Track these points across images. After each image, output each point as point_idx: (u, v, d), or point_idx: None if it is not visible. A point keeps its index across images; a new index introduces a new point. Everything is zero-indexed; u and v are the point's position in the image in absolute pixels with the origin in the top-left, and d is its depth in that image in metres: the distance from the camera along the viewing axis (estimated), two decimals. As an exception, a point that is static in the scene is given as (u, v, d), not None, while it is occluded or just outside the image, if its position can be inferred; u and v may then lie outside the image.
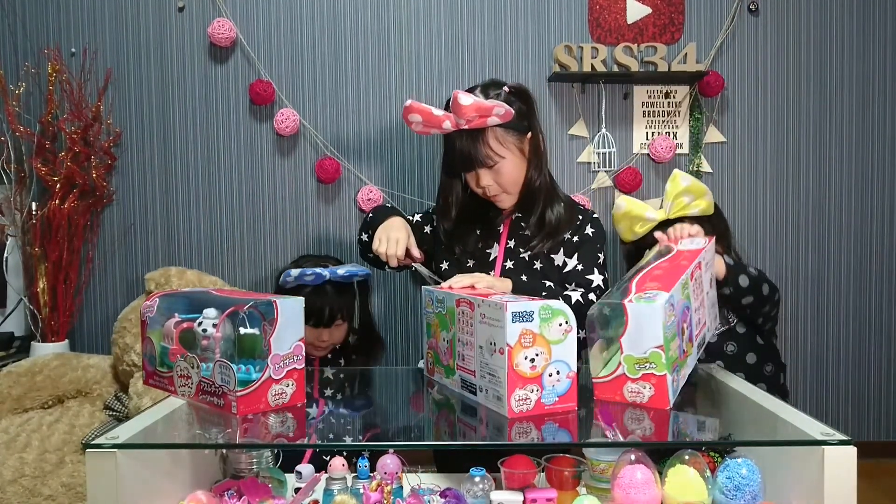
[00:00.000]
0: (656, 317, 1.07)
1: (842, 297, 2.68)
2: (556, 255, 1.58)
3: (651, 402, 1.09)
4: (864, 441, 2.66)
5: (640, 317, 1.08)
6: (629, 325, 1.08)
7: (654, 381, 1.09)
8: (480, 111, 1.46)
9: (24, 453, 1.96)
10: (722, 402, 1.25)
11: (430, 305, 1.32)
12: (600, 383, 1.14)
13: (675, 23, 2.60)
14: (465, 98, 1.44)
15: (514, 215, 1.60)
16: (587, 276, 1.56)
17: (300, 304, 1.10)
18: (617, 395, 1.12)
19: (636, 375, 1.10)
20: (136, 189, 2.57)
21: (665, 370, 1.08)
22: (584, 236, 1.59)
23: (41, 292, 2.40)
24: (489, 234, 1.60)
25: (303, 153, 2.59)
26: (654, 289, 1.13)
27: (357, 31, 2.58)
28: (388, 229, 1.56)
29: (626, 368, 1.10)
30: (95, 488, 0.91)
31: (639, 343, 1.09)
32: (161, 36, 2.55)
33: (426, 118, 1.48)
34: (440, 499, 1.06)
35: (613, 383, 1.12)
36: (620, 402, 1.12)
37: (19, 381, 2.19)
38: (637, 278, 1.21)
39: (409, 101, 1.50)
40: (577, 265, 1.57)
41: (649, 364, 1.08)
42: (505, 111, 1.47)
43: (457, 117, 1.46)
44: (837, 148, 2.65)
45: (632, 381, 1.10)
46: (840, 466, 0.89)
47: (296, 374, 1.10)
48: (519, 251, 1.57)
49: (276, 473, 1.15)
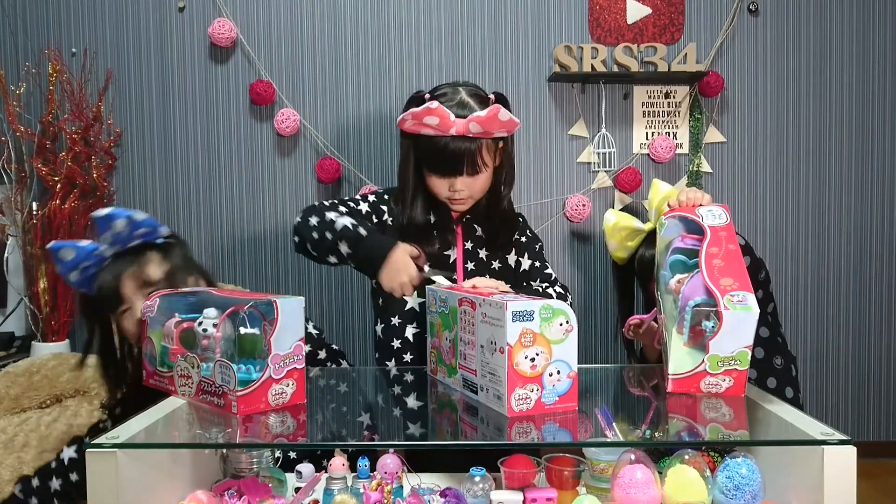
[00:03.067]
0: (751, 321, 1.10)
1: (842, 296, 2.68)
2: (510, 255, 1.61)
3: (726, 392, 1.12)
4: (864, 441, 2.66)
5: (735, 323, 1.10)
6: (722, 329, 1.10)
7: (735, 374, 1.12)
8: (509, 127, 1.49)
9: (22, 453, 1.96)
10: (722, 402, 1.24)
11: (434, 305, 1.32)
12: (678, 379, 1.15)
13: (675, 23, 2.60)
14: (505, 114, 1.46)
15: (465, 217, 1.60)
16: (545, 270, 1.63)
17: (300, 304, 1.10)
18: (693, 388, 1.14)
19: (717, 371, 1.12)
20: (137, 189, 2.58)
21: (747, 365, 1.11)
22: (527, 236, 1.66)
23: (42, 292, 2.40)
24: (444, 237, 1.58)
25: (303, 153, 2.59)
26: (735, 289, 1.13)
27: (357, 30, 2.58)
28: (398, 274, 1.39)
29: (707, 366, 1.12)
30: (95, 488, 0.91)
31: (727, 344, 1.11)
32: (161, 36, 2.55)
33: (442, 121, 1.45)
34: (440, 498, 1.06)
35: (691, 379, 1.14)
36: (695, 392, 1.14)
37: (17, 380, 2.19)
38: (704, 272, 1.17)
39: (434, 104, 1.44)
40: (533, 262, 1.63)
41: (734, 361, 1.11)
42: (516, 127, 1.52)
43: (476, 125, 1.45)
44: (837, 148, 2.66)
45: (711, 376, 1.13)
46: (840, 466, 0.89)
47: (296, 373, 1.09)
48: (477, 252, 1.58)
49: (276, 473, 1.15)
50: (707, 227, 1.27)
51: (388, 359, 1.59)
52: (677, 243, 1.29)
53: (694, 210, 1.35)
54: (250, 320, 1.05)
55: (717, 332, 1.10)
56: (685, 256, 1.26)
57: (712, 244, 1.23)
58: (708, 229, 1.26)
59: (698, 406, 1.11)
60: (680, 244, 1.28)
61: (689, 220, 1.33)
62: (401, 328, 1.57)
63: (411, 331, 1.56)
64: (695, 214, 1.32)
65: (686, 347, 1.15)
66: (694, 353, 1.14)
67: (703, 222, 1.29)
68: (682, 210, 1.39)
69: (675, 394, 1.14)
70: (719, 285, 1.14)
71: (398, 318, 1.57)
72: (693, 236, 1.29)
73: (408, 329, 1.56)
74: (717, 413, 1.08)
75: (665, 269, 1.28)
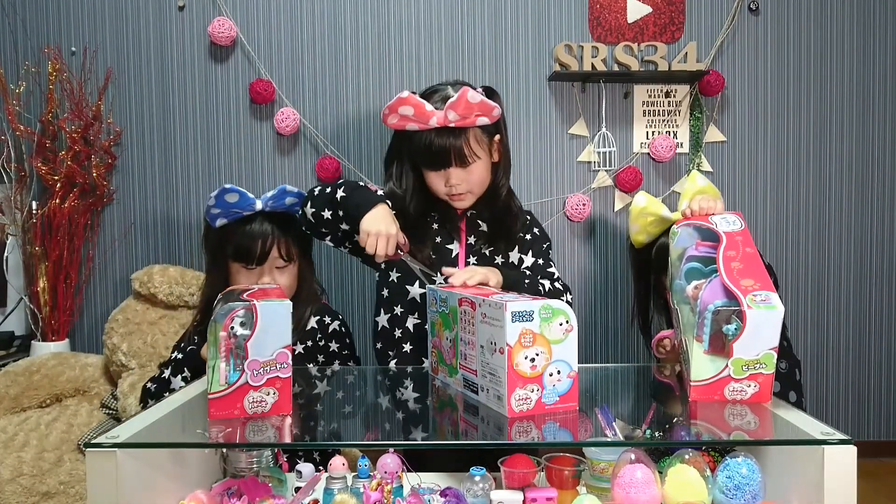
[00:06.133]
0: (775, 321, 1.07)
1: (842, 296, 2.68)
2: (512, 253, 1.61)
3: (752, 399, 1.08)
4: (864, 441, 2.66)
5: (759, 322, 1.06)
6: (746, 330, 1.06)
7: (761, 379, 1.08)
8: (483, 110, 1.47)
9: (22, 452, 1.96)
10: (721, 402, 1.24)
11: (434, 305, 1.32)
12: (699, 386, 1.10)
13: (675, 22, 2.60)
14: (475, 95, 1.45)
15: (469, 212, 1.60)
16: (548, 269, 1.62)
17: (286, 309, 1.05)
18: (717, 395, 1.09)
19: (742, 376, 1.08)
20: (137, 188, 2.57)
21: (773, 369, 1.07)
22: (533, 234, 1.65)
23: (41, 291, 2.40)
24: (447, 231, 1.59)
25: (303, 152, 2.59)
26: (757, 288, 1.10)
27: (357, 30, 2.58)
28: (377, 222, 1.42)
29: (731, 371, 1.08)
30: (95, 487, 0.91)
31: (752, 347, 1.07)
32: (161, 35, 2.55)
33: (417, 112, 1.47)
34: (440, 498, 1.06)
35: (713, 385, 1.10)
36: (719, 400, 1.09)
37: (17, 380, 2.19)
38: (723, 274, 1.14)
39: (405, 93, 1.46)
40: (536, 260, 1.62)
41: (759, 365, 1.07)
42: (498, 113, 1.51)
43: (453, 113, 1.45)
44: (837, 147, 2.65)
45: (735, 381, 1.08)
46: (840, 466, 0.89)
47: (279, 382, 1.04)
48: (480, 247, 1.58)
49: (276, 472, 1.15)
50: (722, 232, 1.25)
51: (390, 348, 1.59)
52: (691, 252, 1.26)
53: (707, 218, 1.32)
54: (248, 321, 1.05)
55: (740, 334, 1.06)
56: (701, 264, 1.23)
57: (729, 248, 1.20)
58: (723, 234, 1.24)
59: (699, 406, 1.10)
60: (694, 252, 1.26)
61: (703, 229, 1.30)
62: (402, 318, 1.58)
63: (412, 321, 1.57)
64: (708, 222, 1.30)
65: (707, 355, 1.10)
66: (716, 360, 1.09)
67: (718, 228, 1.26)
68: (694, 219, 1.37)
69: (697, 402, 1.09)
70: (740, 286, 1.11)
71: (400, 308, 1.58)
72: (707, 244, 1.27)
73: (409, 319, 1.57)
74: (718, 413, 1.08)
75: (680, 278, 1.24)
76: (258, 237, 1.53)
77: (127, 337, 2.25)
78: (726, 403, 1.09)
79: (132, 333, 2.26)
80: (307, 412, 1.17)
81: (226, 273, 1.57)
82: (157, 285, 2.28)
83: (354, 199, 1.46)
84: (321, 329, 1.61)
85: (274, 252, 1.54)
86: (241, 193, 1.53)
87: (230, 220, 1.55)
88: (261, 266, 1.54)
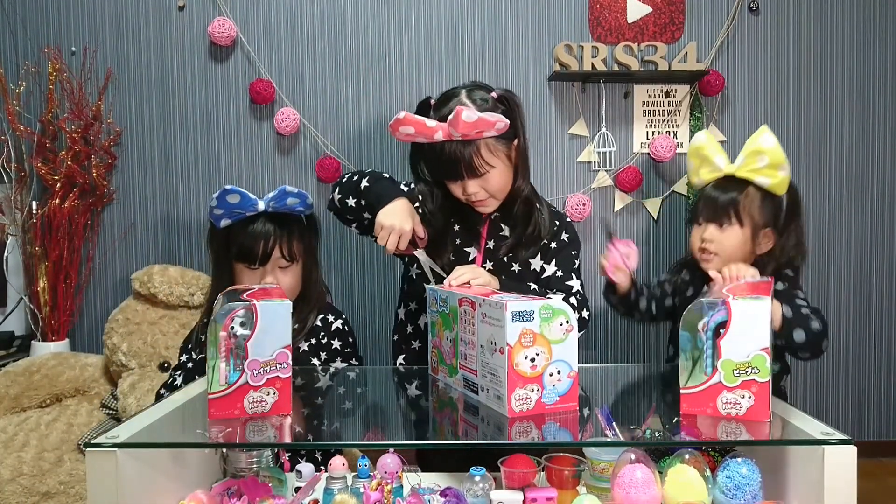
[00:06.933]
0: (764, 315, 0.98)
1: (842, 296, 2.68)
2: (534, 260, 1.56)
3: (748, 415, 1.00)
4: (864, 441, 2.66)
5: (746, 316, 0.99)
6: (731, 326, 0.99)
7: (756, 388, 0.99)
8: (484, 127, 1.40)
9: (22, 452, 1.96)
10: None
11: (434, 305, 1.32)
12: (689, 394, 1.03)
13: (675, 22, 2.60)
14: (469, 114, 1.37)
15: (493, 215, 1.56)
16: (567, 282, 1.55)
17: (286, 310, 1.05)
18: (708, 407, 1.01)
19: (734, 384, 1.00)
20: (137, 188, 2.57)
21: (768, 376, 0.98)
22: (560, 242, 1.58)
23: (41, 291, 2.40)
24: (468, 234, 1.56)
25: (303, 152, 2.59)
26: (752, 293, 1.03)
27: (357, 30, 2.58)
28: (393, 216, 1.41)
29: (722, 376, 1.00)
30: (95, 487, 0.91)
31: (741, 346, 0.99)
32: (161, 35, 2.55)
33: (419, 129, 1.42)
34: (440, 498, 1.06)
35: (705, 394, 1.02)
36: (712, 415, 1.01)
37: (17, 380, 2.19)
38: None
39: (402, 114, 1.42)
40: (556, 271, 1.56)
41: (751, 369, 0.99)
42: (504, 125, 1.43)
43: (453, 130, 1.40)
44: (837, 147, 2.65)
45: (728, 391, 1.00)
46: (840, 466, 0.89)
47: (279, 382, 1.04)
48: (498, 253, 1.55)
49: (276, 472, 1.15)
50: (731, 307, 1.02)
51: (405, 342, 1.63)
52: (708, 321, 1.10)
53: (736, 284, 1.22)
54: (248, 321, 1.05)
55: (726, 328, 0.99)
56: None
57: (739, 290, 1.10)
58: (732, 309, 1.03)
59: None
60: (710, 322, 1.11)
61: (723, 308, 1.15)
62: (416, 314, 1.61)
63: (423, 319, 1.57)
64: (733, 294, 1.10)
65: (697, 366, 1.03)
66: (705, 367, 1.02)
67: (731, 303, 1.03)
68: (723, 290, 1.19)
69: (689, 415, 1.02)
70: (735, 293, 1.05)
71: (415, 304, 1.61)
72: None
73: (421, 317, 1.59)
74: (718, 413, 1.08)
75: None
76: (260, 237, 1.53)
77: (127, 337, 2.25)
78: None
79: (132, 333, 2.26)
80: (307, 412, 1.17)
81: (230, 273, 1.58)
82: (157, 285, 2.28)
83: (376, 189, 1.48)
84: (324, 327, 1.61)
85: (276, 252, 1.54)
86: (243, 194, 1.53)
87: (234, 221, 1.56)
88: (263, 266, 1.54)
